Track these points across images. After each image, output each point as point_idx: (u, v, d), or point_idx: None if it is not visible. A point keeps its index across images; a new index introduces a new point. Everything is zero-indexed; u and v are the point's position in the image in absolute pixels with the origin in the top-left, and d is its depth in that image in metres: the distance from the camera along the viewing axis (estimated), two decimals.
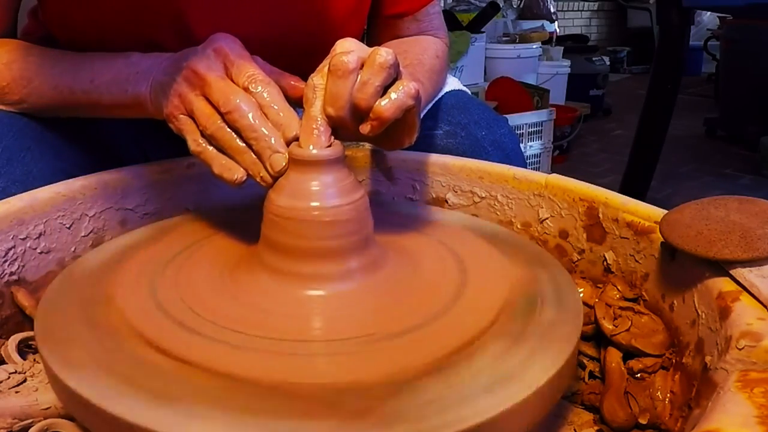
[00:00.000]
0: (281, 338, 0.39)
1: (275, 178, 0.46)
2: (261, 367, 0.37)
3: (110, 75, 0.59)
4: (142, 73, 0.57)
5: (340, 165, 0.45)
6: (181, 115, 0.50)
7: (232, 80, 0.49)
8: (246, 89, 0.48)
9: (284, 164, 0.45)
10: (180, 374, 0.36)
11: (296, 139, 0.46)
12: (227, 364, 0.37)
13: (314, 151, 0.44)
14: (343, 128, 0.46)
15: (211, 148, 0.48)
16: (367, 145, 0.68)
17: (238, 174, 0.47)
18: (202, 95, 0.49)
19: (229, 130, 0.47)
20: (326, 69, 0.45)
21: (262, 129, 0.46)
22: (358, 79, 0.44)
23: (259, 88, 0.48)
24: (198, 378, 0.36)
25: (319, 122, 0.45)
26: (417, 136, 0.50)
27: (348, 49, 0.45)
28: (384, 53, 0.44)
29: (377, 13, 0.79)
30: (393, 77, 0.45)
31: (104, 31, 0.65)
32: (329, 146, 0.45)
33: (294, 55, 0.69)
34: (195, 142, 0.49)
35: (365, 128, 0.45)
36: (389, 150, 0.55)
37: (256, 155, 0.46)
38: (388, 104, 0.44)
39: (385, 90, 0.45)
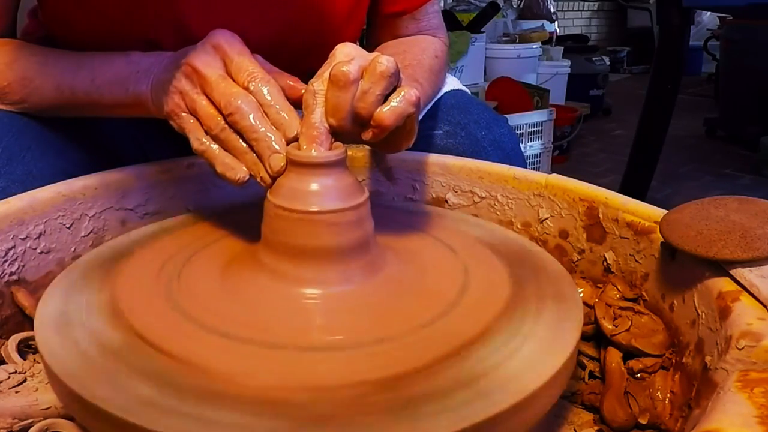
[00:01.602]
0: (279, 338, 0.39)
1: (274, 179, 0.46)
2: (261, 367, 0.37)
3: (111, 74, 0.59)
4: (143, 73, 0.57)
5: (341, 167, 0.45)
6: (183, 114, 0.50)
7: (232, 77, 0.49)
8: (246, 88, 0.48)
9: (282, 164, 0.45)
10: (179, 374, 0.36)
11: (297, 139, 0.46)
12: (226, 364, 0.37)
13: (315, 153, 0.44)
14: (343, 134, 0.46)
15: (214, 146, 0.48)
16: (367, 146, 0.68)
17: (240, 174, 0.47)
18: (204, 93, 0.49)
19: (232, 130, 0.47)
20: (326, 74, 0.45)
21: (263, 130, 0.46)
22: (359, 88, 0.44)
23: (260, 86, 0.48)
24: (197, 378, 0.36)
25: (321, 130, 0.45)
26: (416, 138, 0.50)
27: (348, 57, 0.45)
28: (385, 61, 0.44)
29: (376, 12, 0.79)
30: (394, 85, 0.45)
31: (103, 29, 0.65)
32: (335, 149, 0.45)
33: (293, 52, 0.69)
34: (198, 141, 0.49)
35: (367, 135, 0.46)
36: (387, 153, 0.55)
37: (257, 156, 0.47)
38: (389, 112, 0.44)
39: (385, 97, 0.45)
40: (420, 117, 0.74)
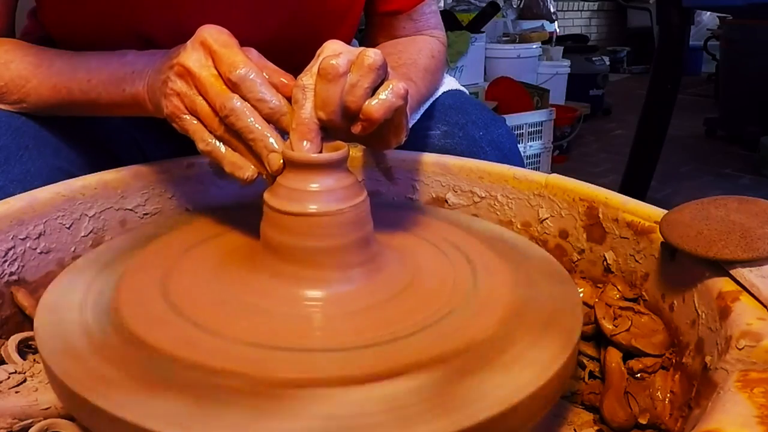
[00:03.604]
0: (280, 339, 0.39)
1: (274, 177, 0.46)
2: (260, 367, 0.37)
3: (107, 75, 0.59)
4: (138, 73, 0.57)
5: (342, 167, 0.45)
6: (185, 116, 0.50)
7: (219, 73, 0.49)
8: (228, 79, 0.47)
9: (280, 163, 0.45)
10: (179, 374, 0.36)
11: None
12: (226, 364, 0.37)
13: (316, 154, 0.44)
14: (333, 129, 0.46)
15: (220, 146, 0.48)
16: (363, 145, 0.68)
17: (248, 172, 0.47)
18: (200, 94, 0.49)
19: (232, 131, 0.47)
20: (315, 69, 0.45)
21: (260, 129, 0.46)
22: (348, 81, 0.44)
23: (241, 73, 0.47)
24: (197, 378, 0.36)
25: (311, 125, 0.45)
26: (412, 136, 0.50)
27: (336, 51, 0.45)
28: (372, 54, 0.44)
29: (372, 10, 0.79)
30: (382, 78, 0.46)
31: (98, 27, 0.65)
32: (337, 149, 0.45)
33: (287, 47, 0.69)
34: (203, 142, 0.49)
35: (356, 129, 0.46)
36: (377, 150, 0.54)
37: (256, 156, 0.47)
38: (377, 105, 0.45)
39: (374, 91, 0.45)
40: (417, 117, 0.74)
